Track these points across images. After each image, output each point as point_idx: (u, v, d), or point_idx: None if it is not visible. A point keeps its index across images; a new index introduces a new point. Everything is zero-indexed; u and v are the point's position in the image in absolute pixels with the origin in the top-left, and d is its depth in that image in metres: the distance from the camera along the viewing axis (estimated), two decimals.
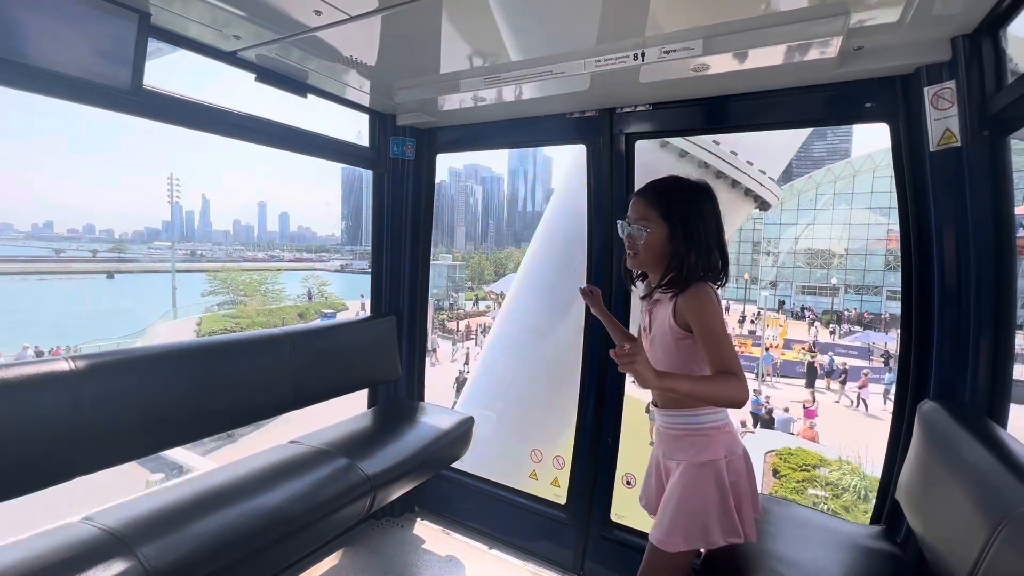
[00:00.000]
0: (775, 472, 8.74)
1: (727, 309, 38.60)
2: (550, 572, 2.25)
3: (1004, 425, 1.42)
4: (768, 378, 20.73)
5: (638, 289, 1.57)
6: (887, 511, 1.70)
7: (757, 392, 15.68)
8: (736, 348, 1.37)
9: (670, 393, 1.39)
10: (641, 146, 2.18)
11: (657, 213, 1.37)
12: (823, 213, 38.13)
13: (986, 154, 1.43)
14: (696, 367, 1.36)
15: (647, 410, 13.24)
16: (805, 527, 1.58)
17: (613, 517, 2.26)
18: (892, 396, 2.55)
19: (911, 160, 1.63)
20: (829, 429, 12.79)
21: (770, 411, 13.12)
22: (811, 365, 20.47)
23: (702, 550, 1.41)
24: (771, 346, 24.38)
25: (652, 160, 5.31)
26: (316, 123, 2.42)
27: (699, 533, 1.33)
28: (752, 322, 32.71)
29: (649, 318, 1.48)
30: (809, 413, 13.44)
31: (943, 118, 1.48)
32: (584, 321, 2.32)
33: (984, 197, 1.45)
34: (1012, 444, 1.13)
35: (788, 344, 25.49)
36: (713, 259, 1.36)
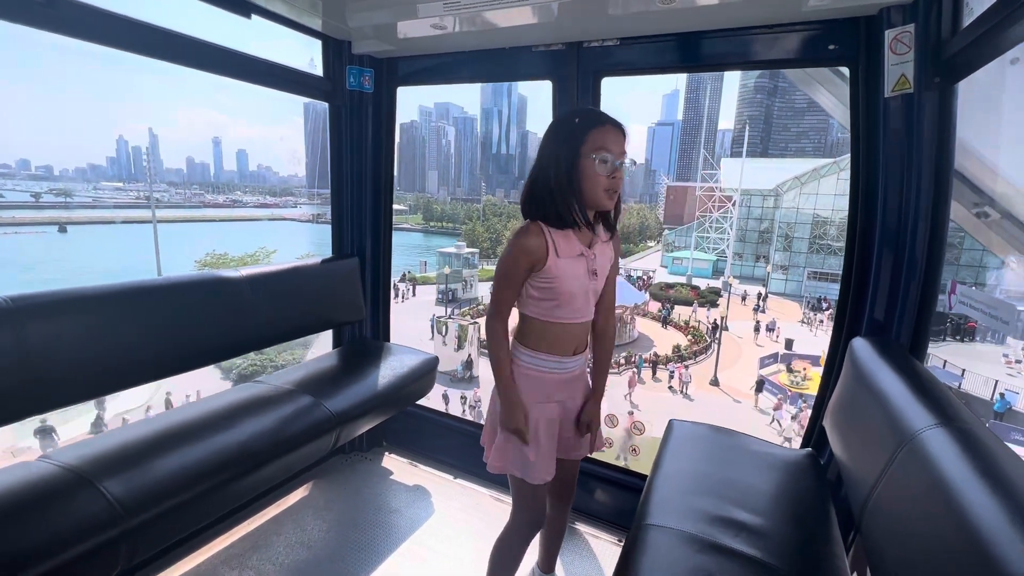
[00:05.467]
0: None
1: (743, 297, 31.38)
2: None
3: (922, 360, 1.56)
4: None
5: (580, 233, 1.36)
6: (815, 437, 1.87)
7: None
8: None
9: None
10: None
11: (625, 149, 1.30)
12: (842, 198, 33.08)
13: (935, 102, 1.47)
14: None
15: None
16: (741, 452, 1.72)
17: None
18: None
19: (867, 106, 1.65)
20: None
21: None
22: None
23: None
24: None
25: None
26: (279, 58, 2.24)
27: None
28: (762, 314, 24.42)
29: (594, 262, 1.39)
30: None
31: (900, 63, 1.49)
32: None
33: (929, 146, 1.49)
34: (926, 375, 1.25)
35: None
36: None
